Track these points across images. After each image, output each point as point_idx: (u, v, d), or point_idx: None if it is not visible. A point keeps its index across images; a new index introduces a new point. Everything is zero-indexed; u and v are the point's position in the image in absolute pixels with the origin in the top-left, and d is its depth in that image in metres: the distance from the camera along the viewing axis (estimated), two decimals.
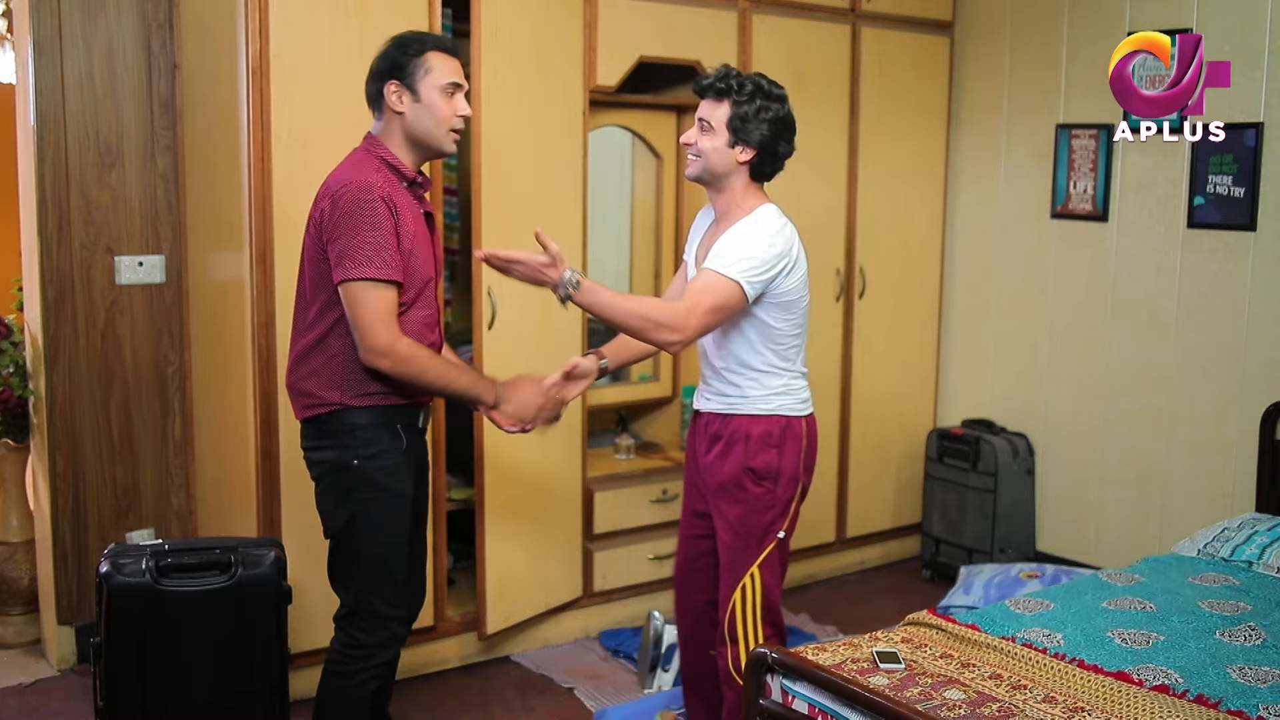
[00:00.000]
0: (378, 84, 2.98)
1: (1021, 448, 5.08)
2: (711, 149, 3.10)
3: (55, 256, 4.03)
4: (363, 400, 2.94)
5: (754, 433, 3.14)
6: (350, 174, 2.90)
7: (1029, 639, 2.99)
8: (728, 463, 3.15)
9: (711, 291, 2.97)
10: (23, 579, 4.36)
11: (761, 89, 3.11)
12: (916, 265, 5.34)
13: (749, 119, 3.09)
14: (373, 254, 2.83)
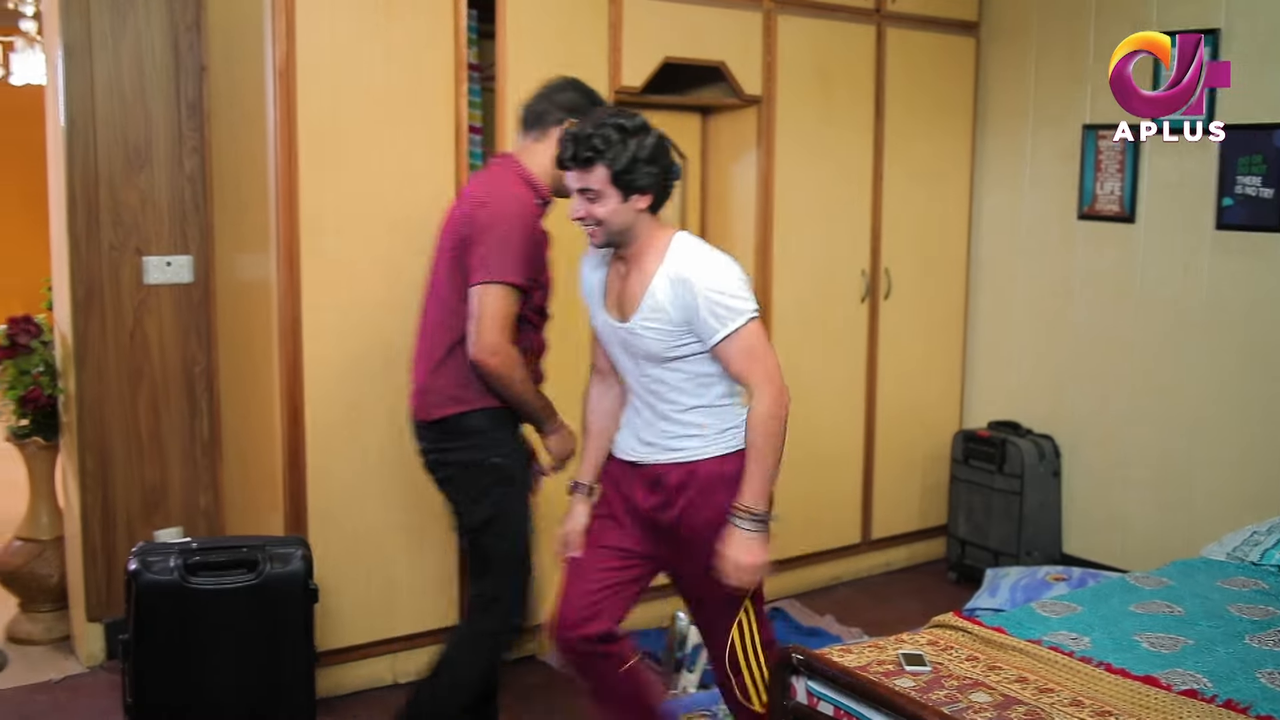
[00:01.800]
0: (557, 113, 3.18)
1: (1048, 449, 5.06)
2: (609, 213, 2.79)
3: (85, 257, 4.06)
4: (494, 400, 3.16)
5: (728, 473, 2.84)
6: (500, 186, 3.12)
7: (1056, 642, 2.98)
8: (708, 509, 2.85)
9: (759, 348, 2.79)
10: (52, 576, 4.39)
11: (625, 130, 2.78)
12: (942, 266, 5.32)
13: (630, 168, 2.78)
14: (514, 262, 3.04)
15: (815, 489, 4.96)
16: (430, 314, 3.23)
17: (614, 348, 2.94)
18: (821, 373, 4.95)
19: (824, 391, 4.97)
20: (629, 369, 2.93)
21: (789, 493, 4.82)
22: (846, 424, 5.03)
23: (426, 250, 3.68)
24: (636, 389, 2.93)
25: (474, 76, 4.03)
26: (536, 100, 3.24)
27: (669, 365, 2.84)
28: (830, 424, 4.99)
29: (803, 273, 4.83)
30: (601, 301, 2.93)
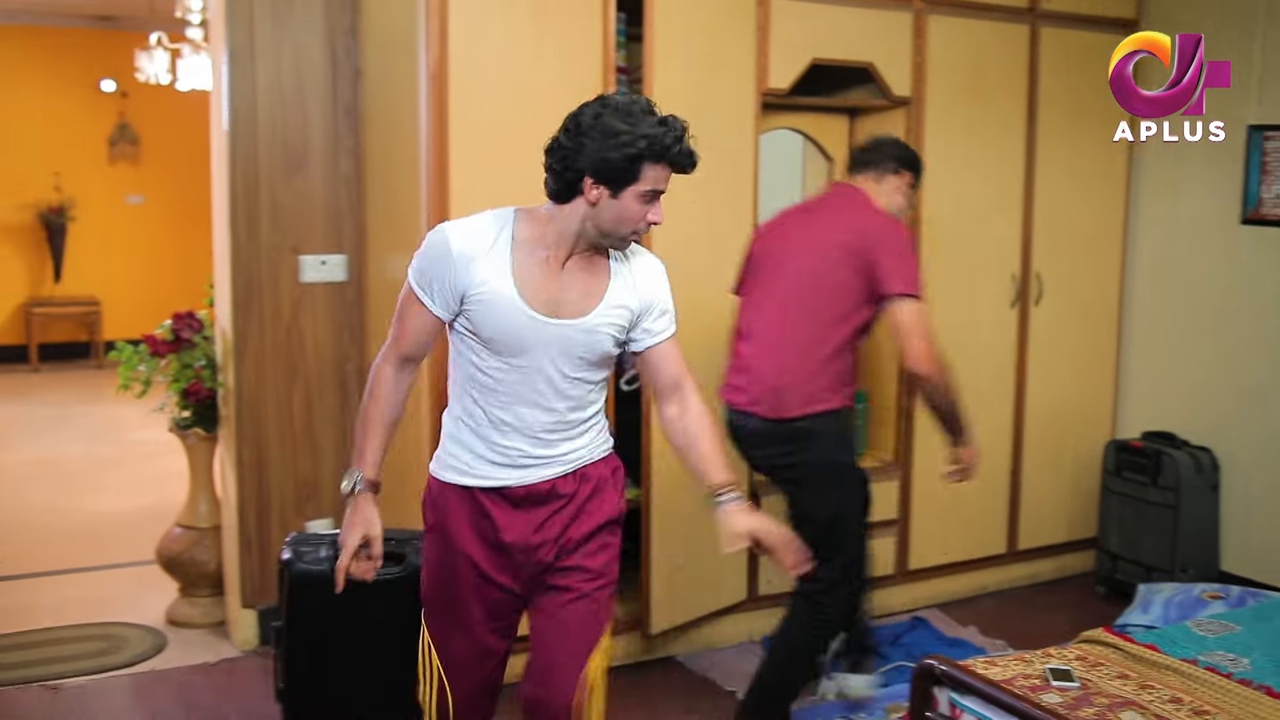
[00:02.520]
0: (892, 163, 3.67)
1: (1205, 462, 4.88)
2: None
3: (245, 255, 4.20)
4: (847, 401, 3.48)
5: (608, 474, 2.74)
6: (873, 210, 3.54)
7: (1212, 662, 2.88)
8: (604, 505, 2.71)
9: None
10: (210, 563, 4.55)
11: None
12: (1095, 271, 5.18)
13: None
14: (917, 277, 3.40)
15: (960, 496, 4.87)
16: (790, 320, 3.51)
17: (531, 348, 2.54)
18: (969, 378, 4.84)
19: (971, 397, 4.85)
20: (538, 373, 2.56)
21: (932, 498, 4.78)
22: (994, 431, 4.93)
23: None
24: (536, 398, 2.57)
25: (621, 79, 4.06)
26: (870, 148, 3.72)
27: (600, 367, 2.64)
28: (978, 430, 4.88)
29: (951, 277, 4.75)
30: (519, 297, 2.51)
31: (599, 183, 2.45)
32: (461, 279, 2.51)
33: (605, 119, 2.42)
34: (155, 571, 4.76)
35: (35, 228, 10.55)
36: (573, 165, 2.46)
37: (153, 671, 4.19)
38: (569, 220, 2.52)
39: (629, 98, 2.49)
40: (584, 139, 2.43)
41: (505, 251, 2.52)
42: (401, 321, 2.64)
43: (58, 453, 7.43)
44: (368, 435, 2.67)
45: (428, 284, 2.56)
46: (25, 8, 9.72)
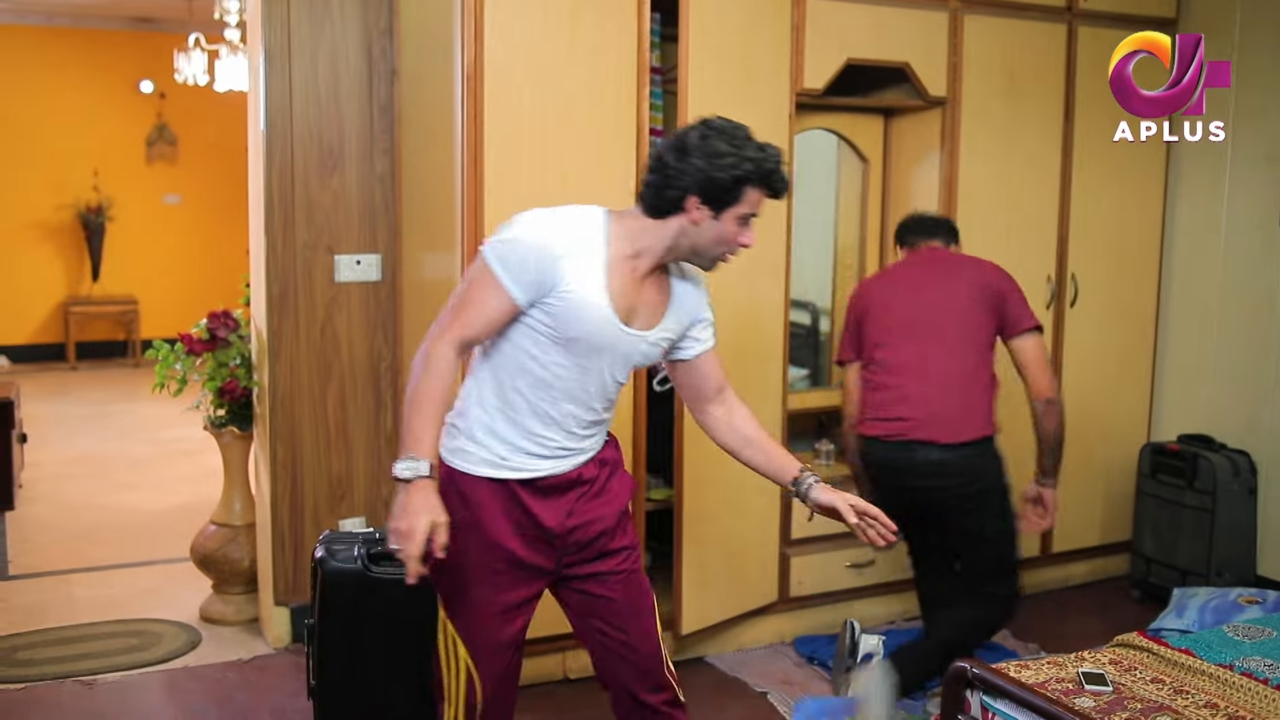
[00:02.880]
0: (947, 235, 4.00)
1: (1243, 466, 4.83)
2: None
3: (280, 255, 4.22)
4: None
5: (618, 455, 2.82)
6: (988, 262, 3.90)
7: (1249, 668, 2.85)
8: (624, 483, 2.81)
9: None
10: (244, 560, 4.58)
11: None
12: (1132, 272, 5.13)
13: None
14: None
15: None
16: (956, 354, 3.77)
17: (603, 353, 2.59)
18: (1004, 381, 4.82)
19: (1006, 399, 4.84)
20: (597, 376, 2.62)
21: None
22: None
23: None
24: (585, 397, 2.63)
25: (656, 79, 4.06)
26: (929, 221, 4.03)
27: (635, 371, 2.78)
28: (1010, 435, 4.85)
29: None
30: (609, 304, 2.55)
31: (703, 203, 2.52)
32: (551, 273, 2.51)
33: (712, 141, 2.50)
34: (189, 568, 4.80)
35: (74, 227, 10.66)
36: (678, 184, 2.51)
37: (186, 668, 4.22)
38: (663, 235, 2.57)
39: (731, 122, 2.56)
40: (692, 159, 2.49)
41: (600, 255, 2.54)
42: (471, 304, 2.54)
43: (94, 450, 7.50)
44: (426, 418, 2.50)
45: (514, 269, 2.50)
46: (65, 10, 9.83)
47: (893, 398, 3.78)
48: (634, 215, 2.60)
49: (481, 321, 2.54)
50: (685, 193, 2.51)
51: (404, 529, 2.44)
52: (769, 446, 2.85)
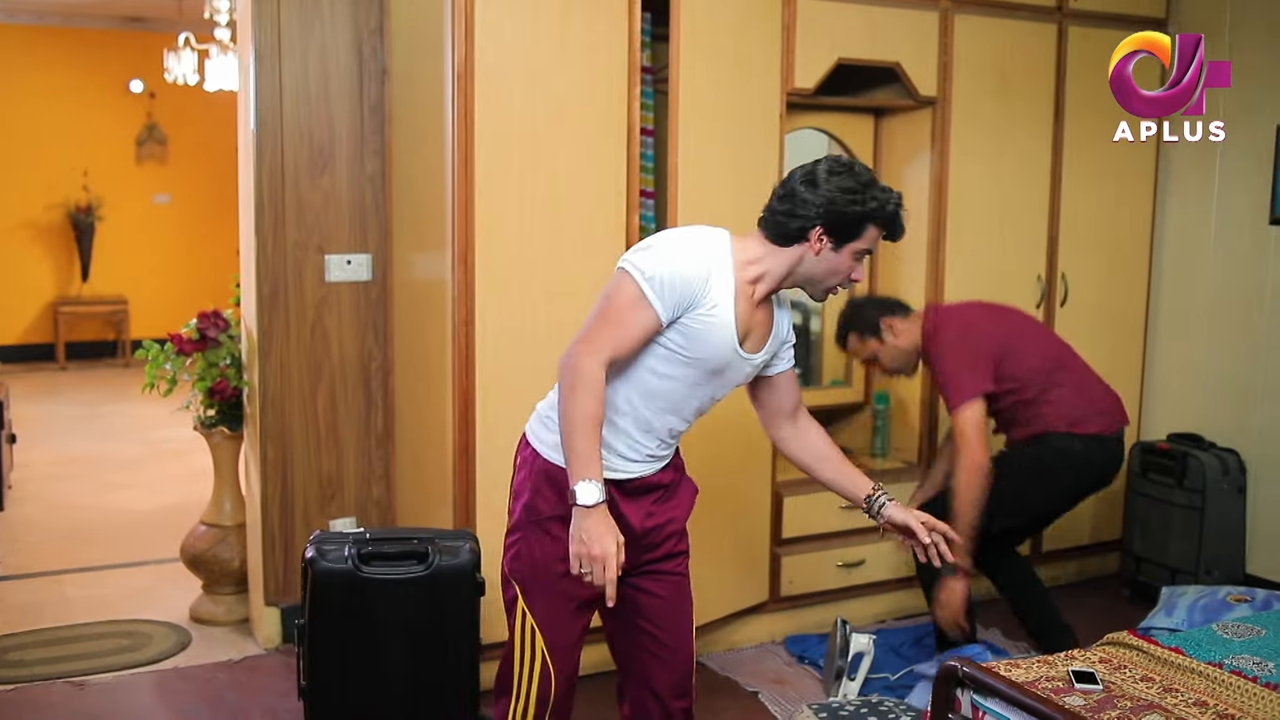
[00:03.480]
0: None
1: (1232, 464, 4.84)
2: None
3: (270, 255, 4.22)
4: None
5: (683, 463, 2.93)
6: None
7: (1238, 666, 2.86)
8: (688, 489, 2.92)
9: None
10: (234, 560, 4.58)
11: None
12: (1122, 272, 5.15)
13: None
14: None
15: None
16: (1075, 354, 4.22)
17: (721, 373, 2.71)
18: None
19: None
20: (706, 392, 2.73)
21: None
22: None
23: (598, 250, 3.74)
24: (687, 412, 2.74)
25: (647, 79, 4.06)
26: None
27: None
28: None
29: (976, 278, 4.73)
30: (735, 328, 2.65)
31: (826, 234, 2.63)
32: (697, 294, 2.59)
33: (843, 178, 2.62)
34: (179, 569, 4.79)
35: (63, 227, 10.64)
36: (805, 213, 2.62)
37: (176, 669, 4.22)
38: (783, 262, 2.68)
39: (856, 161, 2.71)
40: (822, 191, 2.61)
41: (730, 279, 2.64)
42: (621, 324, 2.57)
43: (84, 451, 7.49)
44: (591, 440, 2.55)
45: (662, 288, 2.56)
46: (55, 9, 9.80)
47: (1082, 394, 4.11)
48: (756, 239, 2.70)
49: (630, 341, 2.60)
50: (812, 222, 2.63)
51: (597, 554, 2.51)
52: (842, 464, 2.96)
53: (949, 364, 3.95)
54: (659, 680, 2.84)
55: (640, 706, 2.87)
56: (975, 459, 3.82)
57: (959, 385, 3.90)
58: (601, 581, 2.52)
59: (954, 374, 3.92)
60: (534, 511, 2.71)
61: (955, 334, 4.00)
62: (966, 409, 3.87)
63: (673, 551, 2.85)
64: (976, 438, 3.84)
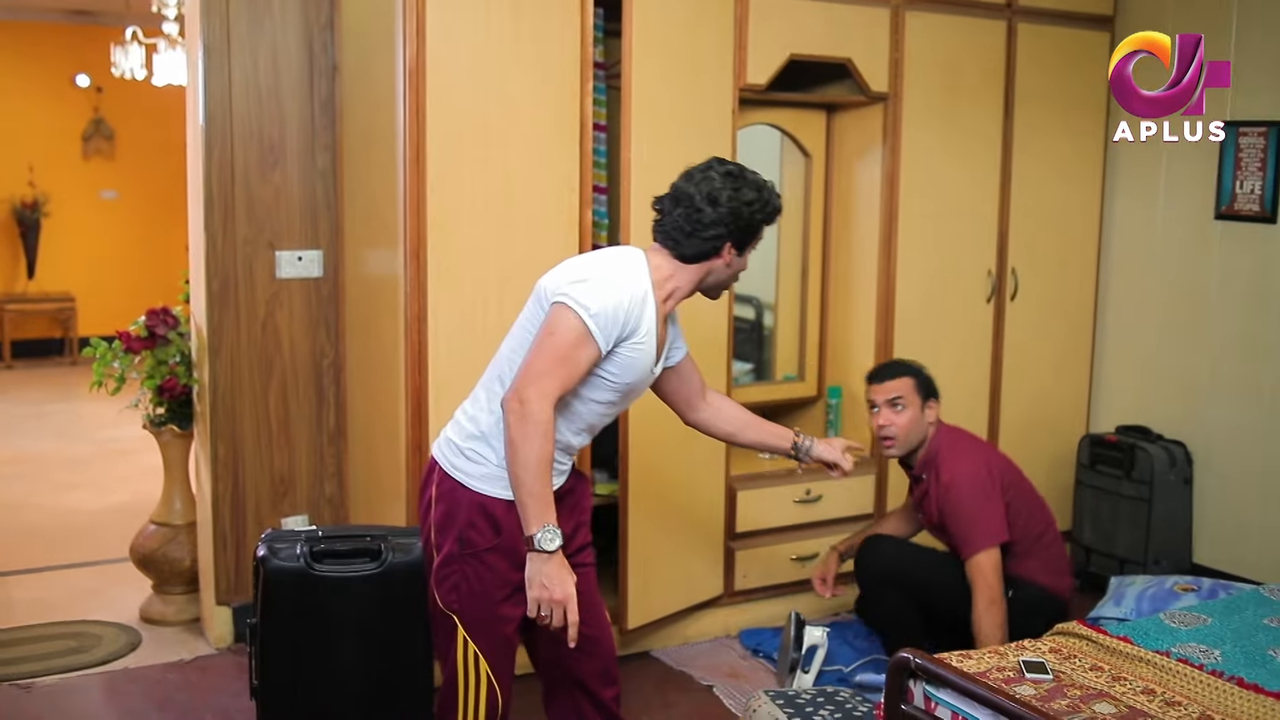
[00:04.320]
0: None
1: (1179, 456, 4.91)
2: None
3: (220, 251, 4.18)
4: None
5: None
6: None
7: (1185, 654, 2.90)
8: (588, 487, 3.03)
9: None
10: (184, 560, 4.53)
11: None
12: (1071, 266, 5.20)
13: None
14: None
15: None
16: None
17: (635, 391, 2.82)
18: (945, 374, 4.86)
19: (947, 393, 4.89)
20: (616, 410, 2.83)
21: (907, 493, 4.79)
22: (969, 425, 4.93)
23: (551, 246, 3.74)
24: (600, 425, 2.84)
25: (599, 75, 4.06)
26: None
27: None
28: None
29: (927, 272, 4.77)
30: (655, 349, 2.77)
31: (734, 245, 2.77)
32: (632, 324, 2.66)
33: (742, 190, 2.73)
34: (129, 569, 4.73)
35: (8, 223, 10.48)
36: (714, 231, 2.72)
37: (126, 670, 4.17)
38: (692, 277, 2.79)
39: (742, 166, 2.80)
40: (728, 208, 2.71)
41: (653, 302, 2.73)
42: (569, 360, 2.60)
43: (31, 450, 7.38)
44: (547, 483, 2.60)
45: (606, 326, 2.62)
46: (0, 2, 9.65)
47: (1061, 558, 4.10)
48: (664, 256, 2.77)
49: (577, 378, 2.64)
50: (723, 239, 2.74)
51: (559, 598, 2.58)
52: (760, 424, 3.17)
53: (973, 505, 3.80)
54: (585, 671, 2.87)
55: (571, 706, 2.90)
56: (995, 594, 3.73)
57: (986, 530, 3.76)
58: (562, 623, 2.57)
59: (979, 517, 3.78)
60: (469, 544, 2.70)
61: (981, 470, 3.88)
62: (991, 554, 3.75)
63: (582, 544, 2.91)
64: (995, 579, 3.73)
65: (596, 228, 4.12)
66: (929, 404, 3.97)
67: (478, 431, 2.71)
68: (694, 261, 2.76)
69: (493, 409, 2.71)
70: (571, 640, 2.61)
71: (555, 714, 2.95)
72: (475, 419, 2.74)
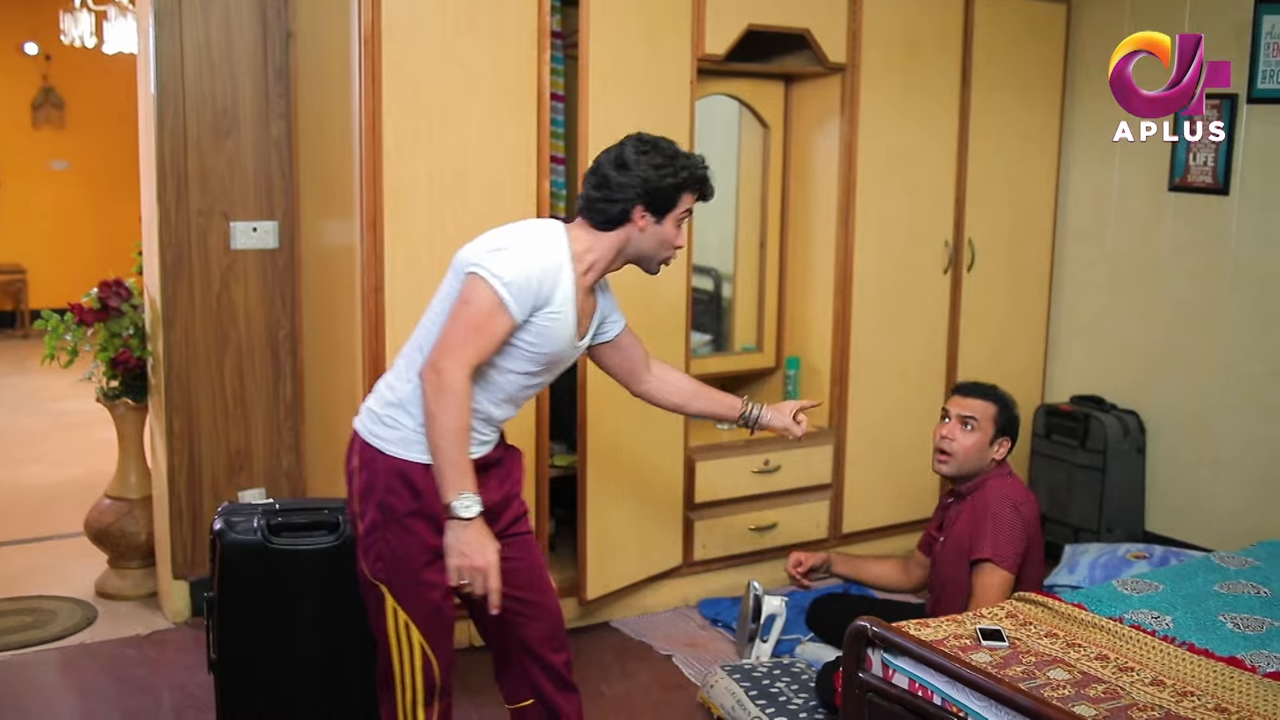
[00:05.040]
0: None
1: (1132, 425, 4.97)
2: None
3: (173, 222, 4.13)
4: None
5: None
6: None
7: (1137, 620, 2.94)
8: (518, 458, 2.98)
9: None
10: (140, 534, 4.50)
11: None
12: (1027, 237, 5.23)
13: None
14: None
15: (893, 461, 4.93)
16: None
17: (555, 363, 2.81)
18: (902, 345, 4.91)
19: (904, 364, 4.93)
20: (537, 382, 2.82)
21: (866, 463, 4.83)
22: (926, 398, 4.98)
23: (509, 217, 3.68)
24: (523, 400, 2.85)
25: (557, 44, 4.03)
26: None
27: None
28: (909, 398, 4.95)
29: (885, 243, 4.79)
30: (574, 321, 2.76)
31: (648, 210, 2.75)
32: (547, 293, 2.67)
33: (650, 155, 2.74)
34: (84, 544, 4.69)
35: None
36: (625, 195, 2.74)
37: (82, 645, 4.14)
38: (611, 245, 2.79)
39: (658, 137, 2.81)
40: (634, 171, 2.73)
41: (571, 273, 2.73)
42: (483, 331, 2.62)
43: None
44: (464, 452, 2.60)
45: (519, 292, 2.62)
46: None
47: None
48: (584, 229, 2.79)
49: (492, 348, 2.65)
50: (632, 203, 2.74)
51: (480, 564, 2.58)
52: (709, 394, 3.20)
53: (1011, 526, 3.59)
54: (533, 637, 2.89)
55: (522, 674, 2.91)
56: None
57: (1011, 551, 3.56)
58: (484, 590, 2.58)
59: (1013, 537, 3.58)
60: (390, 510, 2.70)
61: (1029, 511, 3.70)
62: (1006, 577, 3.53)
63: (517, 514, 2.92)
64: (996, 599, 3.45)
65: (554, 198, 4.10)
66: (1001, 441, 3.75)
67: (395, 399, 2.73)
68: (608, 228, 2.77)
69: (410, 378, 2.72)
70: (494, 608, 2.61)
71: (506, 683, 2.96)
72: (394, 387, 2.76)
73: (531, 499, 4.02)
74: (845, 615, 3.64)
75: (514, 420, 2.96)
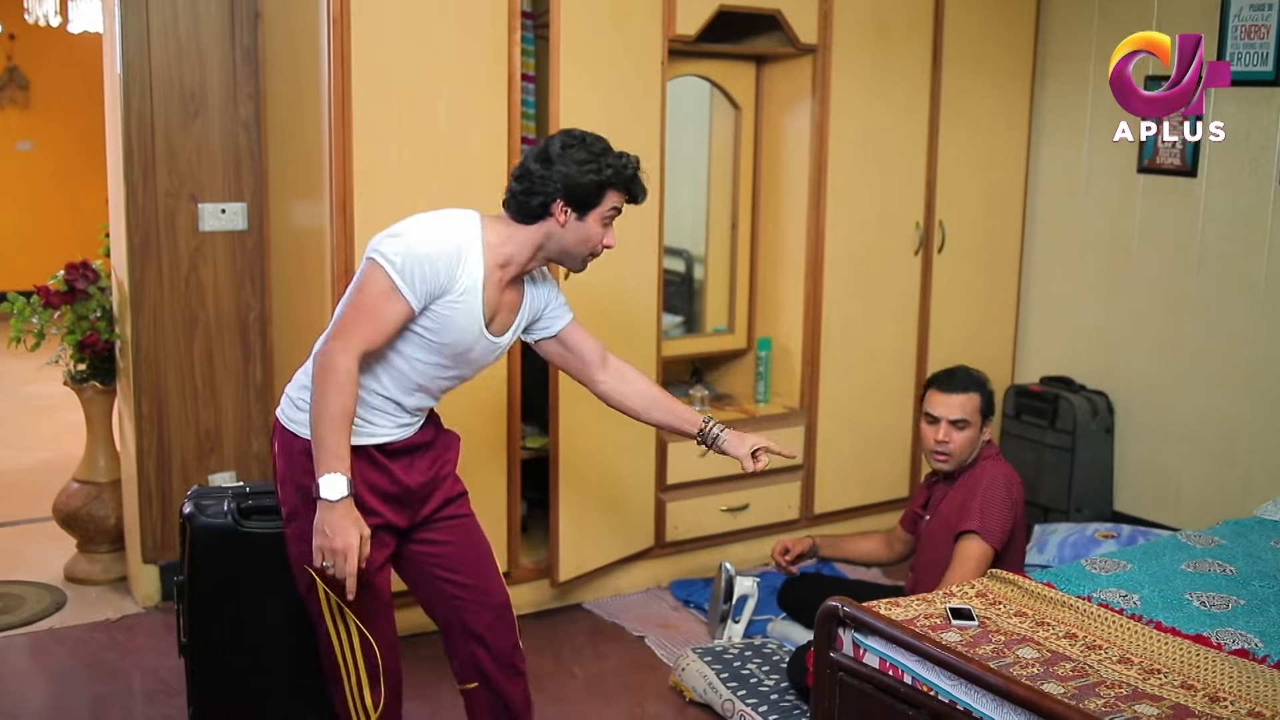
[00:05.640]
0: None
1: (1101, 406, 5.00)
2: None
3: (141, 203, 4.09)
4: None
5: (439, 417, 2.97)
6: None
7: (1105, 599, 2.96)
8: (452, 440, 2.97)
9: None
10: (109, 518, 4.47)
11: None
12: (997, 219, 5.25)
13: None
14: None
15: (863, 442, 4.95)
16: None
17: (468, 358, 2.77)
18: (873, 326, 4.92)
19: (875, 345, 4.94)
20: (450, 374, 2.78)
21: (837, 444, 4.84)
22: (897, 378, 5.00)
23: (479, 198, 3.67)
24: (438, 391, 2.82)
25: (528, 24, 4.01)
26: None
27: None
28: (880, 378, 4.96)
29: (856, 225, 4.79)
30: (482, 312, 2.71)
31: (568, 205, 2.69)
32: (445, 280, 2.62)
33: (575, 150, 2.69)
34: (52, 528, 4.65)
35: None
36: (544, 189, 2.68)
37: (51, 630, 4.12)
38: (531, 240, 2.73)
39: (588, 133, 2.75)
40: (557, 166, 2.68)
41: (481, 262, 2.68)
42: (373, 316, 2.60)
43: None
44: (341, 435, 2.56)
45: (412, 278, 2.59)
46: None
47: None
48: (503, 221, 2.75)
49: (383, 334, 2.62)
50: (552, 197, 2.69)
51: (339, 547, 2.53)
52: (670, 404, 3.06)
53: (1000, 503, 3.63)
54: (477, 623, 2.89)
55: (469, 658, 2.92)
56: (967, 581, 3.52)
57: (998, 527, 3.59)
58: (343, 574, 2.55)
59: (1001, 513, 3.61)
60: (306, 492, 2.68)
61: (1015, 490, 3.73)
62: (988, 550, 3.57)
63: (450, 496, 2.90)
64: (975, 571, 3.50)
65: None
66: (987, 423, 3.78)
67: (307, 382, 2.72)
68: (527, 221, 2.72)
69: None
70: (349, 592, 2.57)
71: (456, 667, 2.97)
72: (307, 370, 2.75)
73: (503, 481, 4.02)
74: (817, 595, 3.63)
75: (486, 403, 2.96)
